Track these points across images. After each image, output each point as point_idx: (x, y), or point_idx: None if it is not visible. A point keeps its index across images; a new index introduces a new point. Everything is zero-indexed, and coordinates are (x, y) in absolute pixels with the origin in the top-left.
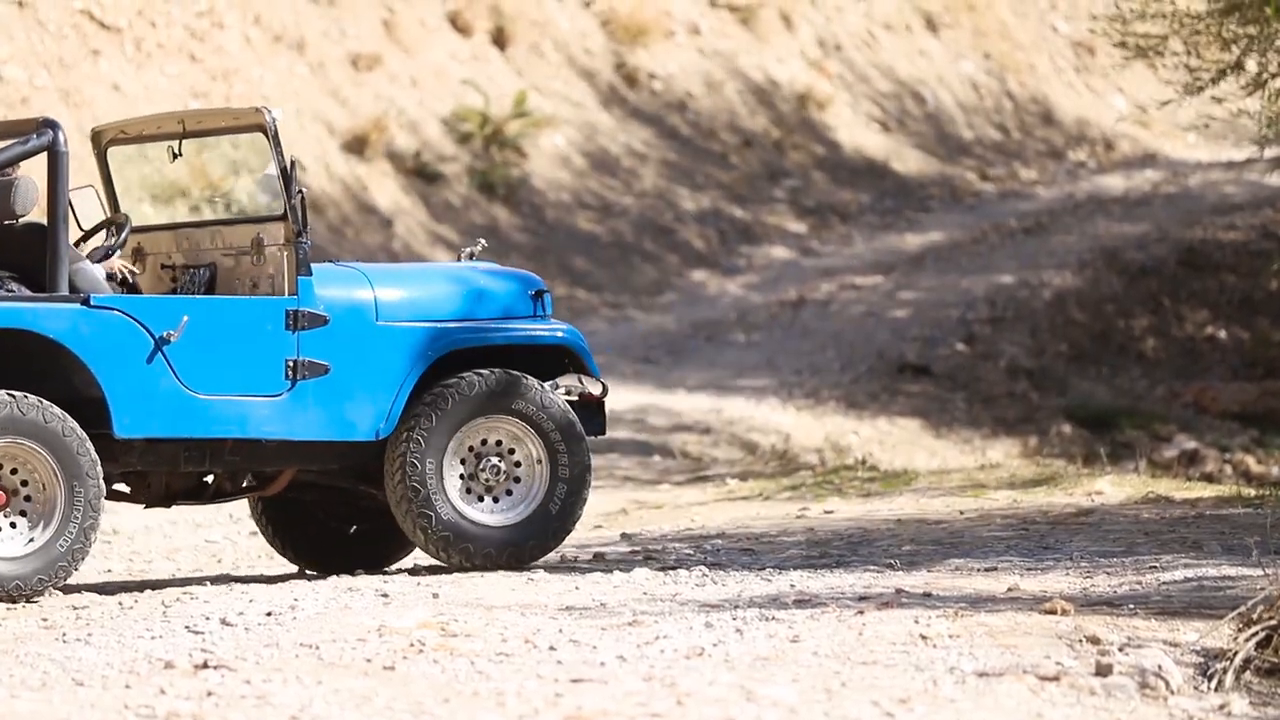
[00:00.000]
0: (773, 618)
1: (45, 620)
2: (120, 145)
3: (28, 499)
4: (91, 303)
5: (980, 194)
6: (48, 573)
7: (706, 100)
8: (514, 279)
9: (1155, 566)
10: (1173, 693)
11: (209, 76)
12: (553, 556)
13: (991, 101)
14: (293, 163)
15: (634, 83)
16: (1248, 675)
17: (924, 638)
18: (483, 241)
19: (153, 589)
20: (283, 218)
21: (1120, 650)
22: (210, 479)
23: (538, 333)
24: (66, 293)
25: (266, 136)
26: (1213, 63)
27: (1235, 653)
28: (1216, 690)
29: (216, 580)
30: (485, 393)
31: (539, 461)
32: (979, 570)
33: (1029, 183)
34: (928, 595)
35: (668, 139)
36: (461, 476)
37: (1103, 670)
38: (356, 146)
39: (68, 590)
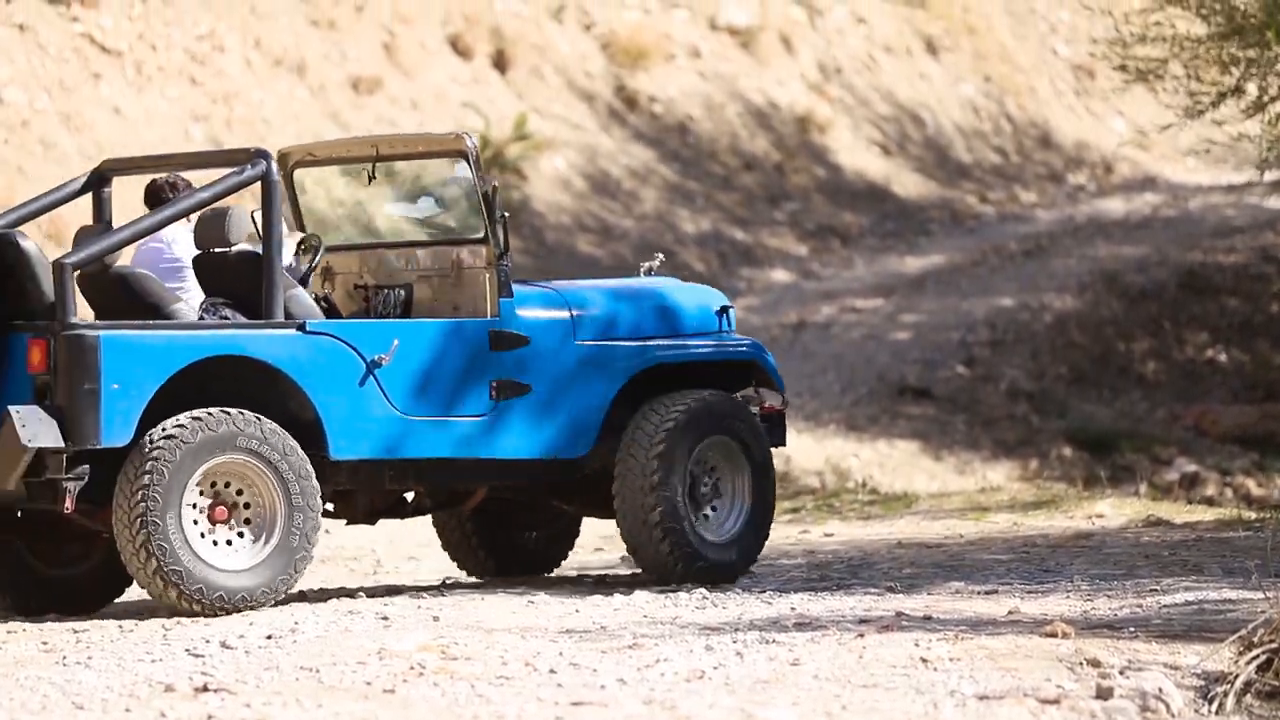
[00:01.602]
0: (773, 640)
1: (45, 644)
2: (307, 168)
3: (249, 515)
4: (306, 328)
5: (980, 217)
6: (269, 586)
7: (707, 123)
8: (702, 294)
9: (1156, 589)
10: (1173, 716)
11: (209, 100)
12: (552, 578)
13: (992, 124)
14: (494, 187)
15: (634, 105)
16: (1248, 698)
17: (924, 661)
18: (660, 256)
19: (153, 612)
20: (483, 240)
21: (1121, 673)
22: (411, 496)
23: (732, 347)
24: (282, 319)
25: (467, 161)
26: (1213, 86)
27: (1236, 676)
28: (1217, 713)
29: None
30: (711, 412)
31: (743, 479)
32: (979, 593)
33: (1029, 205)
34: (928, 618)
35: (668, 161)
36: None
37: (1104, 693)
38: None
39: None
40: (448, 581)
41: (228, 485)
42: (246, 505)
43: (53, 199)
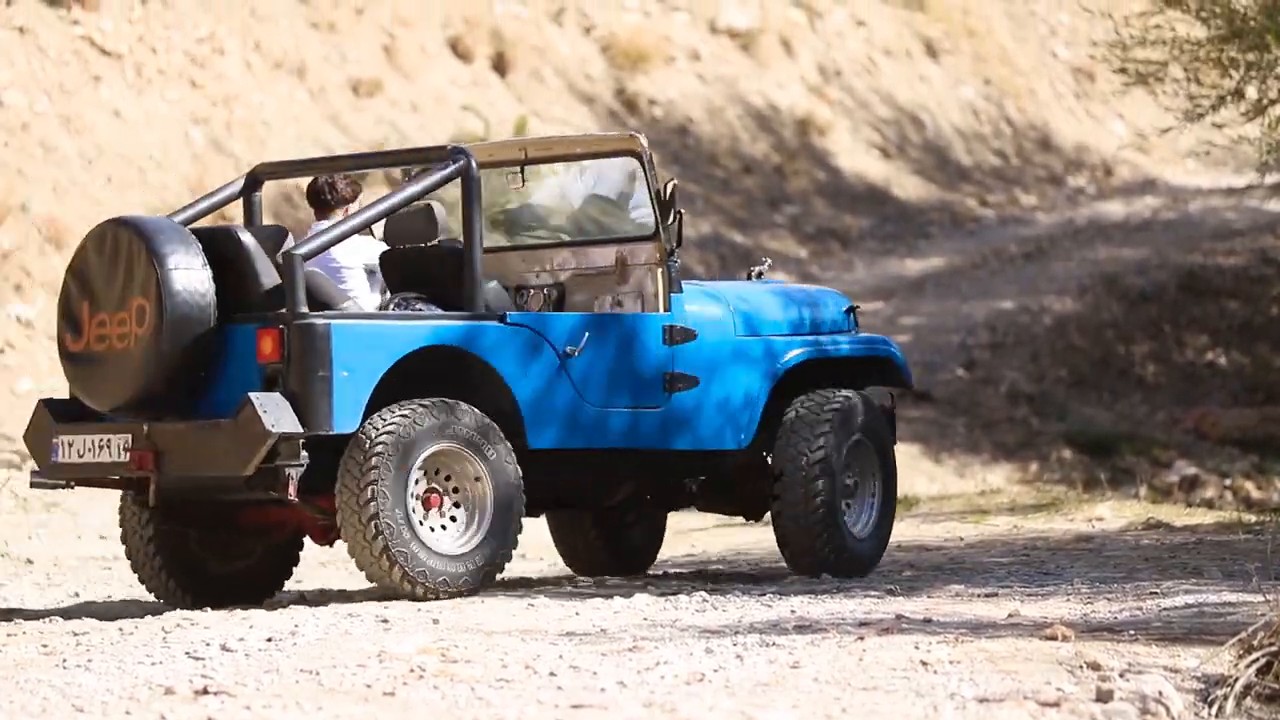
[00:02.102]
0: (773, 643)
1: (45, 646)
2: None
3: (458, 500)
4: (507, 320)
5: (980, 219)
6: (478, 571)
7: (707, 126)
8: (831, 296)
9: (1156, 592)
10: (1173, 719)
11: (209, 102)
12: (553, 581)
13: (991, 127)
14: (670, 185)
15: (634, 108)
16: (1248, 701)
17: (924, 663)
18: (768, 260)
19: (153, 615)
20: (652, 237)
21: (1121, 676)
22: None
23: (879, 345)
24: (482, 311)
25: (641, 162)
26: (1213, 89)
27: (1236, 679)
28: (1217, 716)
29: (217, 606)
30: (857, 411)
31: (876, 476)
32: (979, 596)
33: (1029, 208)
34: (928, 621)
35: (668, 164)
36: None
37: (1103, 696)
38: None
39: (67, 616)
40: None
41: (437, 472)
42: (456, 490)
43: (215, 201)
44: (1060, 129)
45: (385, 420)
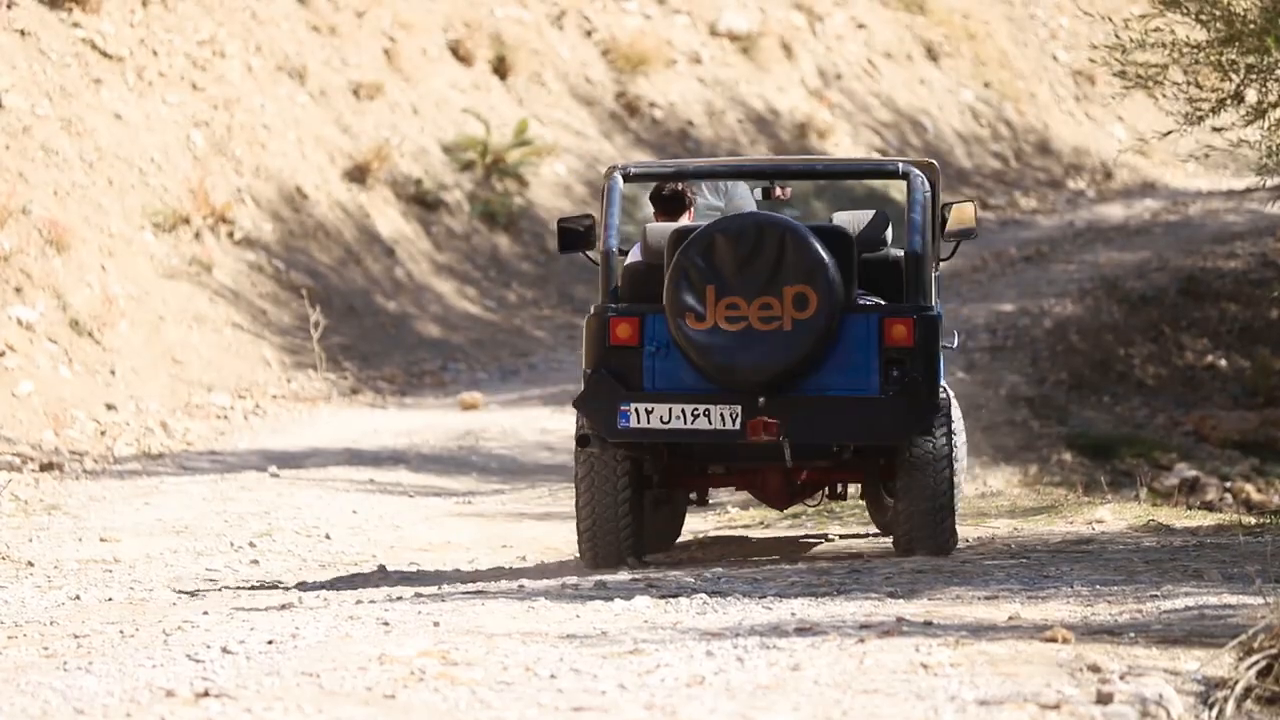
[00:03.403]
0: (773, 646)
1: (46, 649)
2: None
3: None
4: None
5: (980, 222)
6: None
7: (707, 129)
8: None
9: (1156, 595)
10: None
11: (210, 105)
12: (554, 583)
13: (991, 131)
14: (947, 205)
15: (635, 111)
16: (1249, 704)
17: (925, 666)
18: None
19: (154, 617)
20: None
21: (1121, 678)
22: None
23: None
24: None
25: (934, 185)
26: (1213, 92)
27: (1236, 681)
28: (1217, 719)
29: (217, 608)
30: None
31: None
32: (980, 598)
33: (1029, 211)
34: (929, 624)
35: None
36: None
37: (1104, 699)
38: (358, 175)
39: (68, 618)
40: (445, 588)
41: None
42: None
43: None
44: (1060, 132)
45: (949, 394)
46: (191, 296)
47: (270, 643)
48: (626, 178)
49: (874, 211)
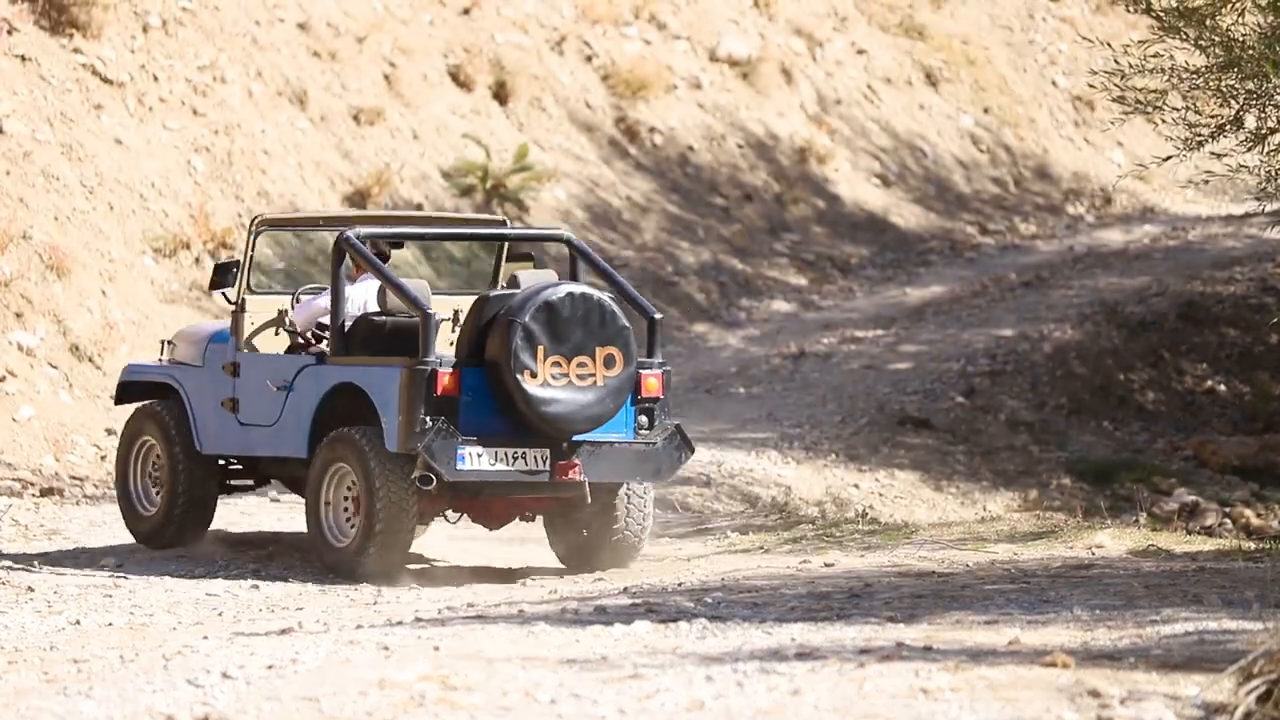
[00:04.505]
0: (773, 670)
1: (47, 674)
2: None
3: None
4: None
5: (980, 248)
6: None
7: (707, 154)
8: None
9: (1156, 620)
10: None
11: (211, 131)
12: (553, 609)
13: (991, 156)
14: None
15: (635, 136)
16: None
17: (925, 691)
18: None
19: (154, 642)
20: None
21: (1121, 704)
22: None
23: None
24: None
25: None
26: (1212, 118)
27: (1236, 706)
28: None
29: (217, 633)
30: None
31: None
32: (980, 623)
33: (1028, 236)
34: (928, 648)
35: (668, 192)
36: None
37: None
38: (358, 200)
39: (68, 643)
40: (446, 610)
41: None
42: None
43: None
44: (1059, 157)
45: None
46: (192, 321)
47: (270, 667)
48: (266, 225)
49: (551, 272)
